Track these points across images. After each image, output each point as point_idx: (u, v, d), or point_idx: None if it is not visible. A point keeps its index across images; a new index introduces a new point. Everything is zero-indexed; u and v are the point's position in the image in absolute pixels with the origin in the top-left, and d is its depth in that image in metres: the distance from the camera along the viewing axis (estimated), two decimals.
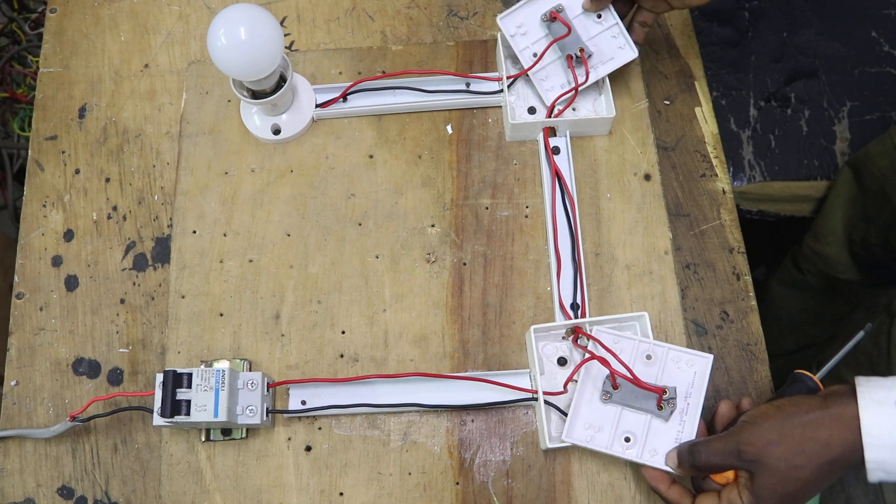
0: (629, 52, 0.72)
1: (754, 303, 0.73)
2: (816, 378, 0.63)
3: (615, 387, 0.64)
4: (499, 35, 0.76)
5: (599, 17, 0.70)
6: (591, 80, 0.73)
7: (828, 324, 1.19)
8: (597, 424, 0.64)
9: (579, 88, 0.73)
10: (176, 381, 0.63)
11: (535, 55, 0.73)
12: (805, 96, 1.02)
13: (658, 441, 0.63)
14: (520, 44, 0.73)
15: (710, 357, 0.65)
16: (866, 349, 0.92)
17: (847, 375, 0.96)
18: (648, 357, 0.66)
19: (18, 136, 1.30)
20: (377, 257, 0.73)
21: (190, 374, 0.63)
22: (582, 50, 0.72)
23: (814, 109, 1.02)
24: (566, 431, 0.63)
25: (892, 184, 0.91)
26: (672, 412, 0.64)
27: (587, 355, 0.65)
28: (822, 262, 1.05)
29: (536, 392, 0.66)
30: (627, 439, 0.64)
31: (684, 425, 0.63)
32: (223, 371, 0.63)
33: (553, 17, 0.71)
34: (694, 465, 0.60)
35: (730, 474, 0.59)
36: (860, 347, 0.93)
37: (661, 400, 0.64)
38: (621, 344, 0.66)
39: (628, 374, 0.63)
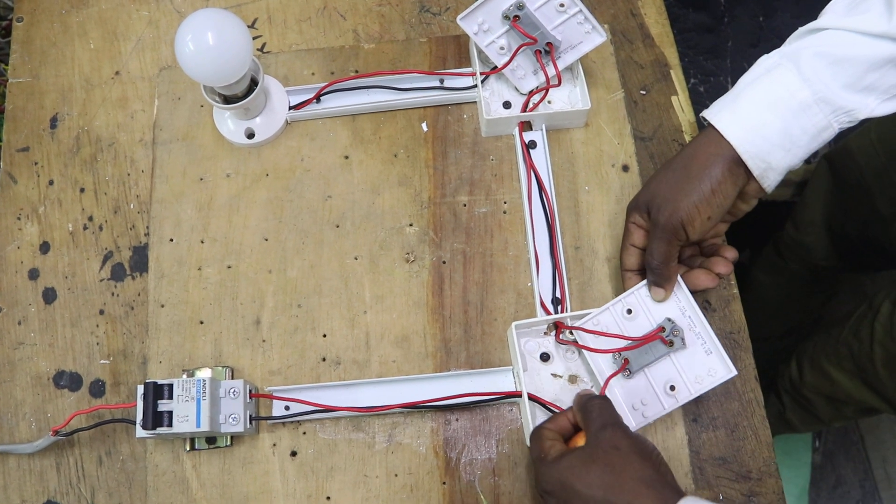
0: (597, 37, 0.72)
1: (736, 291, 0.72)
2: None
3: (626, 361, 0.65)
4: None
5: (562, 6, 0.70)
6: (561, 66, 0.73)
7: (811, 308, 1.19)
8: (639, 400, 0.65)
9: (551, 87, 0.73)
10: (157, 392, 0.62)
11: (501, 48, 0.73)
12: None
13: (695, 368, 0.64)
14: (484, 40, 0.72)
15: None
16: (848, 341, 0.92)
17: (829, 369, 0.96)
18: (629, 311, 0.66)
19: None
20: (356, 259, 0.73)
21: (171, 385, 0.63)
22: (550, 44, 0.71)
23: None
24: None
25: (871, 178, 0.91)
26: (683, 337, 0.64)
27: (593, 367, 0.66)
28: (803, 250, 1.05)
29: (520, 391, 0.66)
30: (672, 387, 0.64)
31: (702, 336, 0.64)
32: (204, 381, 0.63)
33: (514, 23, 0.71)
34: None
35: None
36: (842, 339, 0.93)
37: (664, 339, 0.64)
38: (602, 321, 0.67)
39: (622, 343, 0.64)
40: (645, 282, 0.66)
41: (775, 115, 0.59)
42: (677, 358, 0.64)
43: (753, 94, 0.61)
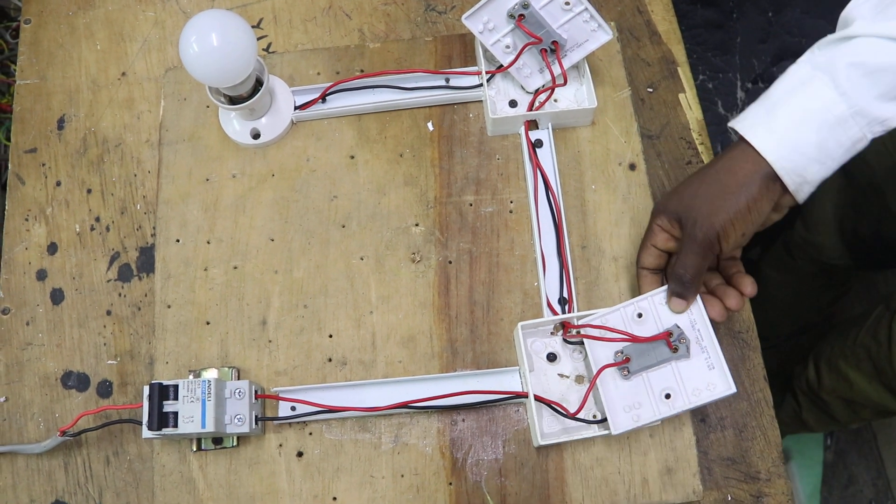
0: (603, 35, 0.71)
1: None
2: None
3: (626, 360, 0.64)
4: None
5: (568, 3, 0.69)
6: (567, 65, 0.72)
7: (822, 307, 1.18)
8: (634, 402, 0.64)
9: (557, 86, 0.73)
10: (162, 393, 0.62)
11: (507, 47, 0.73)
12: None
13: (694, 380, 0.63)
14: (489, 39, 0.72)
15: None
16: (865, 343, 0.92)
17: (847, 371, 0.95)
18: (640, 315, 0.66)
19: (5, 146, 1.29)
20: (362, 259, 0.72)
21: (176, 386, 0.63)
22: (556, 43, 0.71)
23: None
24: (613, 426, 0.63)
25: (883, 178, 0.90)
26: (688, 346, 0.63)
27: (592, 359, 0.65)
28: (814, 250, 1.04)
29: (527, 391, 0.65)
30: (668, 395, 0.63)
31: (707, 350, 0.63)
32: (209, 381, 0.63)
33: (519, 22, 0.70)
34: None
35: None
36: (859, 341, 0.92)
37: (670, 343, 0.63)
38: (610, 320, 0.66)
39: (625, 338, 0.64)
40: (661, 289, 0.65)
41: (811, 130, 0.58)
42: (678, 367, 0.64)
43: (789, 108, 0.59)
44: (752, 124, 0.61)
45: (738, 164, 0.60)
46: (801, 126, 0.59)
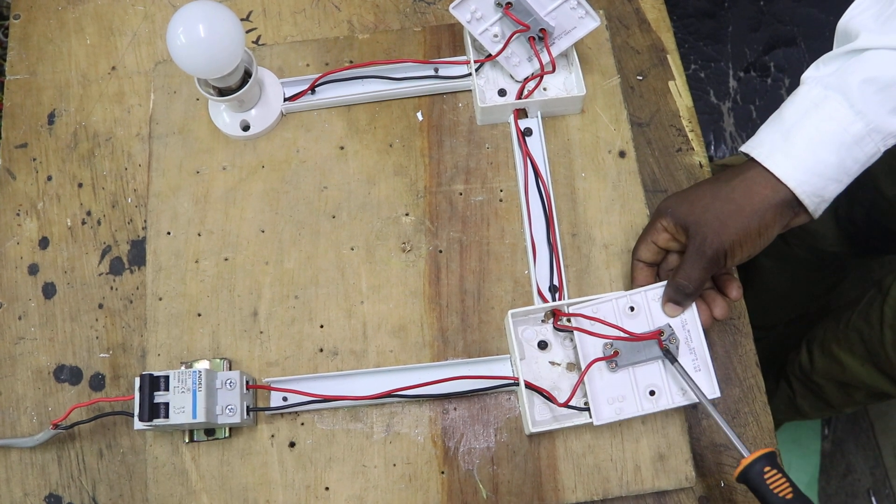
0: (590, 21, 0.71)
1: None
2: None
3: (615, 353, 0.64)
4: None
5: None
6: (555, 53, 0.72)
7: (817, 295, 1.18)
8: (618, 395, 0.64)
9: (545, 74, 0.73)
10: (153, 384, 0.63)
11: (495, 36, 0.73)
12: (785, 65, 1.00)
13: (680, 380, 0.63)
14: (477, 28, 0.72)
15: None
16: (858, 326, 0.92)
17: (840, 354, 0.95)
18: (631, 308, 0.66)
19: None
20: (352, 249, 0.72)
21: (167, 377, 0.63)
22: (544, 31, 0.71)
23: (794, 78, 1.01)
24: (595, 416, 0.63)
25: (876, 163, 0.90)
26: (677, 346, 0.63)
27: (580, 350, 0.65)
28: (809, 237, 1.04)
29: (518, 378, 0.65)
30: (652, 392, 0.64)
31: (695, 352, 0.63)
32: (200, 372, 0.63)
33: (506, 11, 0.70)
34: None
35: None
36: (851, 325, 0.92)
37: (662, 343, 0.63)
38: (601, 310, 0.66)
39: (619, 333, 0.64)
40: (655, 285, 0.65)
41: (830, 151, 0.58)
42: (666, 365, 0.64)
43: (805, 132, 0.59)
44: (770, 151, 0.60)
45: (755, 188, 0.60)
46: (819, 149, 0.58)
